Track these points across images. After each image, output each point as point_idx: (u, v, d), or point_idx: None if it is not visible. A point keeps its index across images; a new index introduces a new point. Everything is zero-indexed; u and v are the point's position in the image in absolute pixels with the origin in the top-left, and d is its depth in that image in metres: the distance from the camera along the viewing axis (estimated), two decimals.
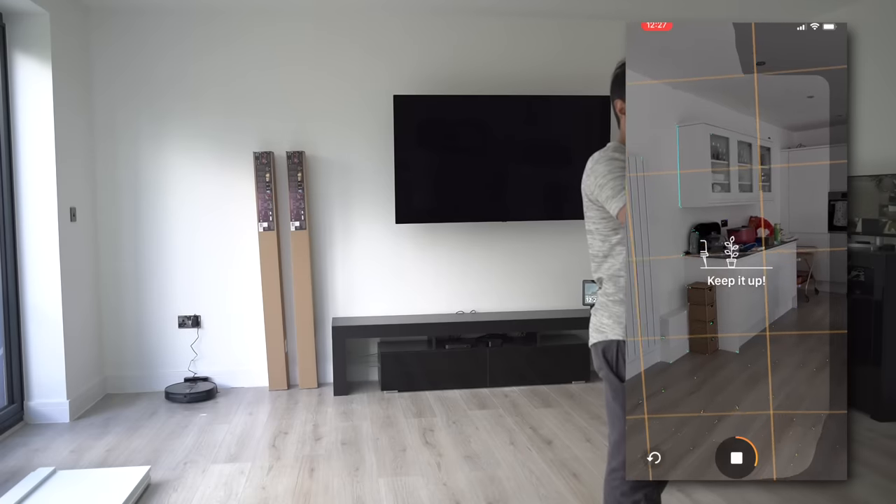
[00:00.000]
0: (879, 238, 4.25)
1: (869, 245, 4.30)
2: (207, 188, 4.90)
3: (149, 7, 4.72)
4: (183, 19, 4.81)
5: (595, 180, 2.03)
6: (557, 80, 5.13)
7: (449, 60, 5.07)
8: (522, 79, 5.11)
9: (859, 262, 4.17)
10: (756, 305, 1.99)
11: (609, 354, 2.09)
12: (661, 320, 1.99)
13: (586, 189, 2.10)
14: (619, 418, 2.06)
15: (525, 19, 5.12)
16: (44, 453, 3.72)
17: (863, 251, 4.23)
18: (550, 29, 5.16)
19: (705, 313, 2.02)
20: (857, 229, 4.43)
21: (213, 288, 4.94)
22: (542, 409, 4.38)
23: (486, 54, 5.11)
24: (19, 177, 4.13)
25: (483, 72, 5.09)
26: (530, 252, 5.26)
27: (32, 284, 4.17)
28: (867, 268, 4.11)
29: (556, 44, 5.17)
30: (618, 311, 2.08)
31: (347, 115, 5.01)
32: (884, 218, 4.27)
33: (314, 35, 4.94)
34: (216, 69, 4.87)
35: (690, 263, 2.01)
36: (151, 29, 4.79)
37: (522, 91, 5.04)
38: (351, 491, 3.20)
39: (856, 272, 4.18)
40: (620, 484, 2.10)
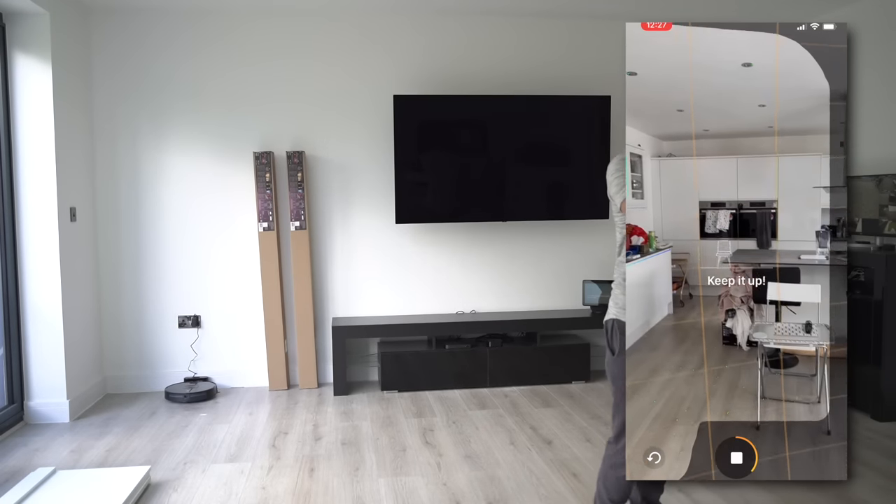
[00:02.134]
0: (879, 238, 4.25)
1: (869, 245, 4.30)
2: (207, 188, 4.90)
3: (149, 7, 4.72)
4: (183, 19, 4.81)
5: (608, 178, 2.26)
6: (557, 80, 5.13)
7: (449, 60, 5.07)
8: (522, 79, 5.11)
9: (859, 262, 4.17)
10: (637, 310, 2.14)
11: (607, 329, 2.32)
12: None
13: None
14: (616, 389, 2.25)
15: (525, 19, 5.12)
16: (44, 453, 3.72)
17: (863, 251, 4.23)
18: (550, 29, 5.16)
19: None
20: (857, 229, 4.43)
21: (213, 288, 4.94)
22: (542, 409, 4.38)
23: (487, 54, 5.11)
24: (19, 177, 4.13)
25: (483, 72, 5.09)
26: (530, 252, 5.27)
27: (32, 284, 4.17)
28: (867, 268, 4.11)
29: (557, 44, 5.17)
30: (616, 294, 2.29)
31: (347, 115, 5.01)
32: (884, 218, 4.27)
33: (314, 35, 4.94)
34: (216, 69, 4.86)
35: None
36: (151, 29, 4.79)
37: (522, 91, 5.04)
38: (351, 491, 3.20)
39: (856, 272, 4.18)
40: (613, 455, 2.25)
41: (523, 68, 5.13)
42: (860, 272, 4.16)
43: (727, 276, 2.09)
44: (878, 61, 4.47)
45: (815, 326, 2.03)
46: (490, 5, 4.87)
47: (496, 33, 5.11)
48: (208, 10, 4.80)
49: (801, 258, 2.07)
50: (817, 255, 2.09)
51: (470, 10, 4.95)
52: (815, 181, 2.06)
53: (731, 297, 2.08)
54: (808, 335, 2.03)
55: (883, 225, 4.27)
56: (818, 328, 2.03)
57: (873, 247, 4.25)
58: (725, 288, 2.09)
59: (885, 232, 4.24)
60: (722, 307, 2.08)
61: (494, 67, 5.10)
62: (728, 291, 2.09)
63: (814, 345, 2.03)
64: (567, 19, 5.15)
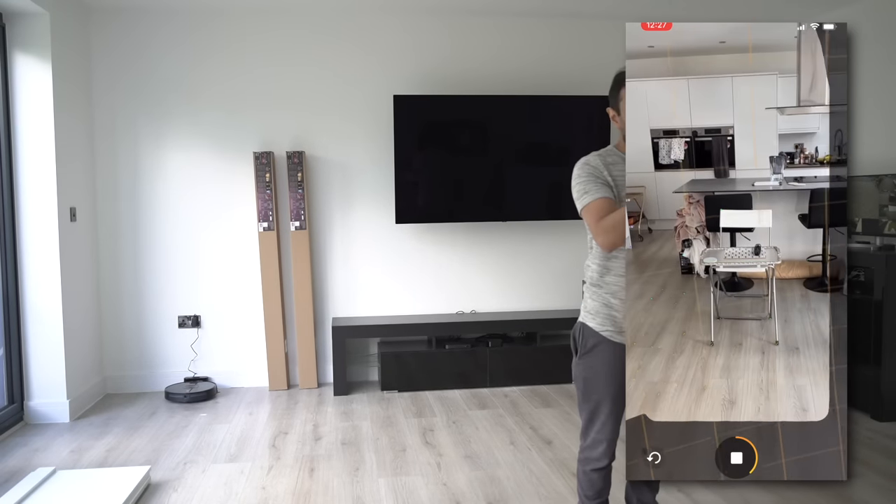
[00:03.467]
0: (879, 238, 4.25)
1: (869, 245, 4.30)
2: (207, 188, 4.90)
3: (149, 7, 4.72)
4: (183, 19, 4.81)
5: (572, 184, 2.22)
6: (557, 80, 5.13)
7: (449, 60, 5.07)
8: (522, 79, 5.11)
9: (859, 262, 4.17)
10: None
11: (574, 333, 2.33)
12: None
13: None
14: (578, 389, 2.35)
15: (525, 19, 5.12)
16: (44, 453, 3.72)
17: (863, 251, 4.23)
18: (550, 29, 5.17)
19: None
20: (857, 229, 4.43)
21: (213, 288, 4.94)
22: (542, 409, 4.38)
23: (487, 54, 5.11)
24: (19, 177, 4.13)
25: (483, 72, 5.09)
26: (530, 252, 5.27)
27: (32, 284, 4.17)
28: (867, 268, 4.11)
29: (556, 44, 5.17)
30: (585, 298, 2.32)
31: (347, 115, 5.01)
32: (884, 218, 4.27)
33: (314, 35, 4.94)
34: (216, 69, 4.87)
35: None
36: (151, 29, 4.79)
37: (522, 91, 5.04)
38: (351, 491, 3.20)
39: (856, 272, 4.18)
40: (580, 451, 2.33)
41: (524, 68, 5.13)
42: (860, 272, 4.16)
43: (682, 207, 2.07)
44: (878, 61, 4.47)
45: (765, 249, 2.04)
46: (490, 5, 4.87)
47: (496, 33, 5.11)
48: (209, 11, 4.80)
49: (754, 185, 2.05)
50: (771, 181, 2.05)
51: (470, 9, 4.95)
52: (773, 104, 1.98)
53: (686, 228, 2.06)
54: (756, 257, 2.04)
55: (883, 225, 4.27)
56: (767, 251, 2.04)
57: (873, 247, 4.25)
58: (681, 219, 2.07)
59: (885, 232, 4.24)
60: (678, 238, 2.07)
61: (495, 67, 5.10)
62: (683, 222, 2.07)
63: (762, 266, 2.06)
64: (567, 19, 5.16)
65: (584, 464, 2.27)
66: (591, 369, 2.23)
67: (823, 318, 1.99)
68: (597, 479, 2.26)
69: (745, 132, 2.02)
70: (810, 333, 1.98)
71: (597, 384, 2.22)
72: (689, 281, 2.06)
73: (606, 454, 2.23)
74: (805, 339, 1.98)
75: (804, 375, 1.95)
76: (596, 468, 2.24)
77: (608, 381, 2.19)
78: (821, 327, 1.97)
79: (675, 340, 1.99)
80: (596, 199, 2.11)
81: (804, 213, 2.05)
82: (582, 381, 2.26)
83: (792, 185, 2.04)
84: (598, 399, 2.21)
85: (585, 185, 2.15)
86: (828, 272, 2.06)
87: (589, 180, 2.15)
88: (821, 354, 1.95)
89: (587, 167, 2.19)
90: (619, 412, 2.22)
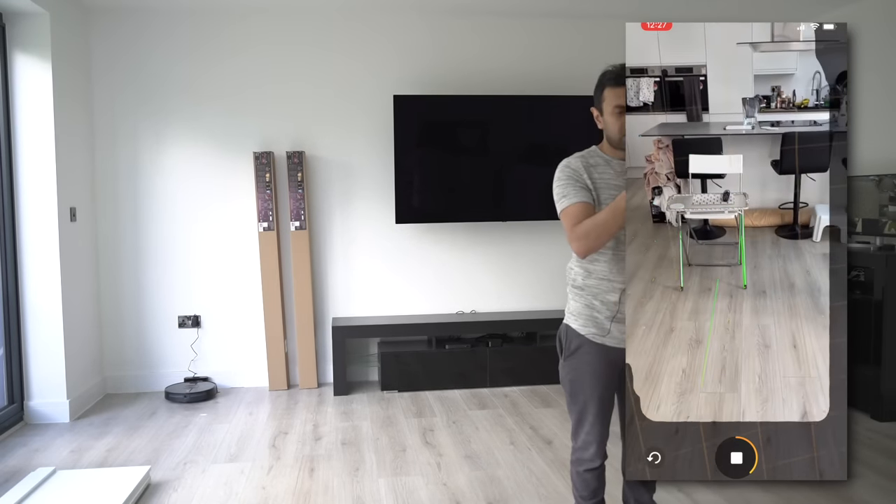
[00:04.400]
0: (879, 238, 4.25)
1: (869, 245, 4.30)
2: (207, 188, 4.90)
3: (149, 7, 4.72)
4: (183, 19, 4.81)
5: (553, 186, 2.22)
6: (557, 80, 5.12)
7: (449, 60, 5.07)
8: (522, 79, 5.11)
9: (859, 262, 4.17)
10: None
11: (559, 335, 2.35)
12: None
13: None
14: (566, 391, 2.36)
15: (525, 19, 5.12)
16: (44, 453, 3.72)
17: (863, 251, 4.23)
18: (550, 29, 5.16)
19: None
20: (857, 229, 4.43)
21: (213, 288, 4.94)
22: (542, 409, 4.38)
23: (487, 54, 5.11)
24: (19, 177, 4.13)
25: (483, 72, 5.09)
26: (530, 252, 5.26)
27: (32, 284, 4.17)
28: (867, 268, 4.11)
29: (556, 44, 5.17)
30: (568, 300, 2.35)
31: (347, 115, 5.01)
32: (884, 218, 4.27)
33: (314, 35, 4.94)
34: (216, 69, 4.86)
35: None
36: (151, 29, 4.79)
37: (522, 91, 5.04)
38: (351, 491, 3.20)
39: (856, 272, 4.17)
40: (572, 452, 2.32)
41: (524, 68, 5.13)
42: (860, 272, 4.16)
43: (651, 153, 1.97)
44: (878, 61, 4.47)
45: (733, 195, 1.97)
46: (489, 5, 4.87)
47: (497, 33, 5.11)
48: (208, 10, 4.80)
49: (726, 129, 1.96)
50: (744, 125, 1.94)
51: (469, 9, 4.95)
52: (746, 41, 1.88)
53: (656, 175, 2.00)
54: (724, 203, 1.98)
55: (883, 225, 4.27)
56: (736, 197, 1.98)
57: (873, 247, 4.25)
58: (650, 165, 1.99)
59: (885, 232, 4.24)
60: (648, 185, 2.00)
61: (495, 67, 5.10)
62: (653, 168, 1.99)
63: (729, 212, 2.00)
64: (567, 19, 5.15)
65: (576, 465, 2.27)
66: (576, 371, 2.23)
67: (791, 263, 1.96)
68: (590, 479, 2.25)
69: (719, 73, 1.91)
70: (778, 278, 1.96)
71: (582, 386, 2.21)
72: (662, 229, 2.01)
73: (598, 454, 2.23)
74: (772, 284, 1.95)
75: (769, 316, 1.94)
76: (589, 469, 2.24)
77: (593, 383, 2.19)
78: (788, 272, 1.94)
79: (645, 287, 1.97)
80: (572, 204, 2.10)
81: (776, 159, 1.96)
82: (568, 383, 2.26)
83: (765, 129, 1.93)
84: (585, 400, 2.21)
85: (564, 189, 2.14)
86: (798, 219, 1.99)
87: (567, 184, 2.14)
88: (787, 296, 1.94)
89: (567, 170, 2.18)
90: (606, 413, 2.22)
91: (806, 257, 1.98)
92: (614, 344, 2.14)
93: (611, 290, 2.14)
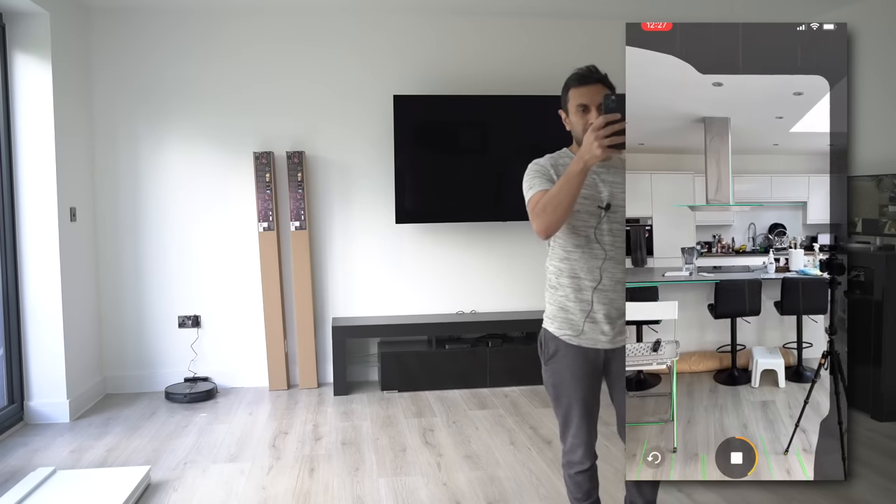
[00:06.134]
0: (879, 238, 4.25)
1: (869, 245, 4.30)
2: (207, 188, 4.90)
3: (149, 7, 4.72)
4: (183, 19, 4.81)
5: (523, 183, 2.24)
6: (558, 81, 5.08)
7: (449, 60, 5.07)
8: (522, 79, 5.10)
9: (859, 262, 4.16)
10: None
11: (539, 340, 2.33)
12: None
13: None
14: (550, 395, 2.34)
15: (525, 19, 5.12)
16: (44, 453, 3.72)
17: (863, 251, 4.23)
18: (550, 29, 5.16)
19: None
20: (857, 229, 4.43)
21: (213, 288, 4.94)
22: (542, 409, 4.38)
23: (487, 54, 5.11)
24: (19, 177, 4.13)
25: (483, 72, 5.08)
26: (530, 252, 5.26)
27: (32, 284, 4.17)
28: (867, 268, 4.11)
29: (557, 44, 5.17)
30: (546, 304, 2.32)
31: (347, 115, 5.01)
32: (884, 218, 4.27)
33: (314, 35, 4.94)
34: (216, 69, 4.86)
35: None
36: (151, 29, 4.79)
37: (523, 91, 5.03)
38: (351, 491, 3.20)
39: (856, 272, 4.17)
40: (562, 455, 2.31)
41: (524, 68, 5.13)
42: (860, 272, 4.16)
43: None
44: (878, 61, 4.47)
45: (664, 343, 1.97)
46: (490, 5, 4.87)
47: (497, 33, 5.11)
48: (208, 10, 4.80)
49: (665, 275, 2.04)
50: (682, 271, 2.07)
51: (470, 9, 4.95)
52: (689, 200, 2.05)
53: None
54: (654, 354, 1.98)
55: (883, 225, 4.27)
56: (667, 345, 1.97)
57: (873, 247, 4.25)
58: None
59: (885, 232, 4.24)
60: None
61: (495, 67, 5.10)
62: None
63: (658, 363, 1.98)
64: (566, 19, 5.15)
65: (567, 468, 2.26)
66: (557, 374, 2.21)
67: (729, 415, 1.96)
68: (582, 480, 2.24)
69: (663, 223, 2.06)
70: (712, 436, 1.91)
71: (565, 389, 2.20)
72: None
73: (587, 456, 2.21)
74: (707, 444, 1.91)
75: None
76: (580, 471, 2.23)
77: (575, 385, 2.17)
78: (725, 427, 1.92)
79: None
80: (536, 192, 2.09)
81: (712, 303, 2.08)
82: (551, 386, 2.25)
83: (701, 275, 2.08)
84: (569, 404, 2.19)
85: (530, 182, 2.16)
86: (736, 363, 2.06)
87: (534, 177, 2.15)
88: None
89: (535, 167, 2.20)
90: (591, 414, 2.20)
91: (744, 407, 1.99)
92: (589, 345, 2.13)
93: (583, 289, 2.13)
